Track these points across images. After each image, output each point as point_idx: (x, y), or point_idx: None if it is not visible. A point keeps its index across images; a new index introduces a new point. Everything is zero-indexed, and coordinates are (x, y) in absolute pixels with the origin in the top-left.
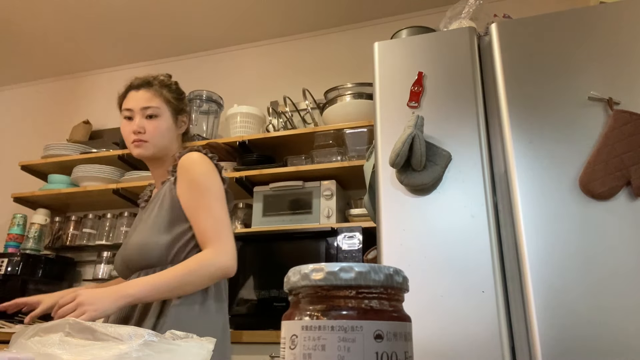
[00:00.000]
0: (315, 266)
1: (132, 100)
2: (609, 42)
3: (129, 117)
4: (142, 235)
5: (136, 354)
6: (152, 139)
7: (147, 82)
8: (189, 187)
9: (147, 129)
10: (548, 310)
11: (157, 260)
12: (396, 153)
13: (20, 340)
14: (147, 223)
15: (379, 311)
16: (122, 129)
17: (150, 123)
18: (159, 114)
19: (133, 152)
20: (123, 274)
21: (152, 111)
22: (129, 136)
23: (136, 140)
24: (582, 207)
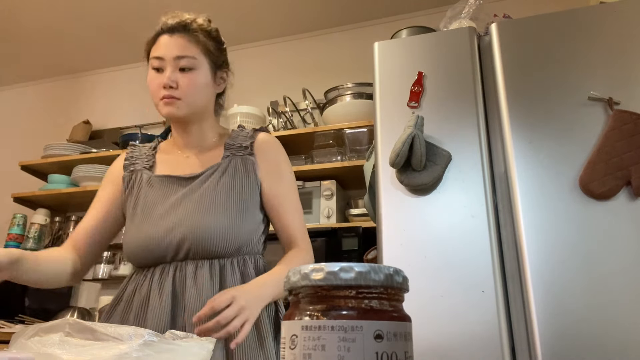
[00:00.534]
0: (315, 266)
1: (163, 47)
2: (609, 42)
3: (158, 68)
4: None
5: (136, 354)
6: (187, 97)
7: (184, 26)
8: (277, 173)
9: (180, 84)
10: (548, 310)
11: (238, 249)
12: (396, 153)
13: (20, 340)
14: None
15: (379, 311)
16: (149, 81)
17: (184, 77)
18: (196, 66)
19: (161, 112)
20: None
21: (187, 62)
22: (157, 91)
23: (167, 96)
24: (582, 207)
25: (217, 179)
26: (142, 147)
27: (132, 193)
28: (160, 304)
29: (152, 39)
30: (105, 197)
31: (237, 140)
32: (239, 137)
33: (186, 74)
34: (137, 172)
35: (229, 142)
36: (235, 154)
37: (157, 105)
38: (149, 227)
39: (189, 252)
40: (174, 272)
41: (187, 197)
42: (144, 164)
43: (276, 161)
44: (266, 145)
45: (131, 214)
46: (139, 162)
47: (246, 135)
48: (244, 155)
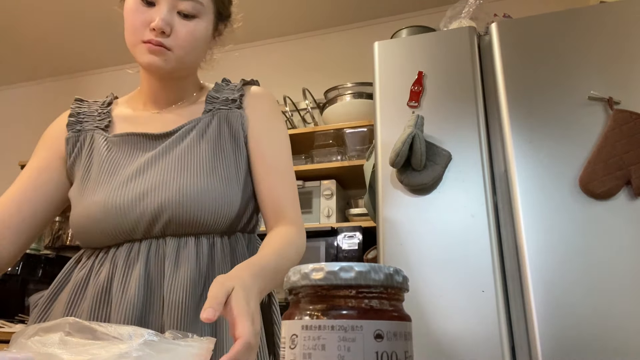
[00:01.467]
0: (315, 266)
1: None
2: (609, 41)
3: (149, 2)
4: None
5: (136, 354)
6: (180, 49)
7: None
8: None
9: (176, 31)
10: (548, 310)
11: (230, 223)
12: (396, 153)
13: (20, 339)
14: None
15: (379, 311)
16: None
17: (183, 24)
18: (200, 13)
19: (140, 58)
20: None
21: (191, 6)
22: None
23: (155, 42)
24: (582, 206)
25: (198, 136)
26: (93, 102)
27: (79, 158)
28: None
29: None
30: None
31: (222, 93)
32: (225, 90)
33: (185, 20)
34: (85, 133)
35: (211, 95)
36: (220, 108)
37: (134, 47)
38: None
39: (167, 226)
40: (147, 252)
41: (162, 158)
42: (97, 123)
43: (268, 117)
44: (259, 100)
45: (80, 183)
46: (88, 121)
47: (234, 87)
48: (231, 109)
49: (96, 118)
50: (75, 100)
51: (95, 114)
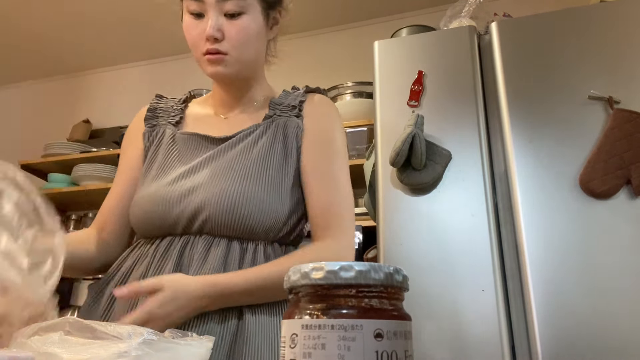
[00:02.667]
0: (315, 265)
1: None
2: (609, 41)
3: (198, 13)
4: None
5: (135, 353)
6: (235, 50)
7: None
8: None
9: (227, 34)
10: (548, 309)
11: (267, 230)
12: (396, 152)
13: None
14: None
15: (379, 310)
16: (186, 30)
17: (231, 24)
18: (245, 9)
19: (206, 70)
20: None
21: (234, 5)
22: (198, 44)
23: (212, 51)
24: (582, 206)
25: (252, 142)
26: (170, 99)
27: (151, 150)
28: None
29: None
30: (126, 164)
31: (285, 99)
32: (289, 97)
33: (233, 20)
34: (159, 127)
35: (275, 101)
36: (280, 114)
37: (199, 61)
38: (161, 188)
39: (204, 225)
40: (182, 248)
41: (214, 160)
42: (170, 119)
43: (327, 128)
44: (320, 108)
45: (144, 174)
46: (163, 116)
47: (297, 95)
48: (290, 117)
49: (170, 114)
50: (156, 96)
51: (170, 110)
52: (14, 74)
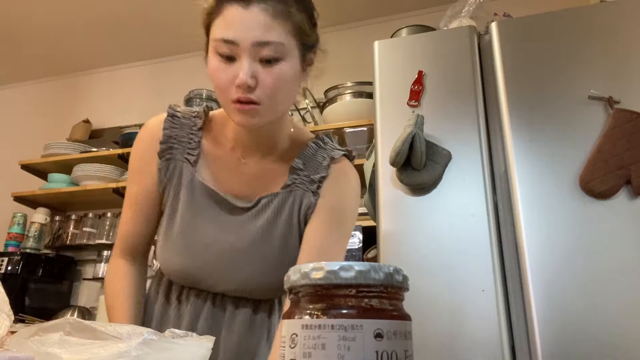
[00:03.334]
0: (315, 265)
1: (237, 27)
2: (609, 40)
3: (229, 56)
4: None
5: (135, 353)
6: (269, 99)
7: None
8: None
9: (262, 82)
10: (548, 309)
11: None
12: (396, 152)
13: (20, 339)
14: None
15: (379, 310)
16: (213, 72)
17: (267, 72)
18: (284, 54)
19: (234, 118)
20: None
21: (272, 51)
22: (227, 88)
23: (244, 100)
24: (582, 205)
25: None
26: (184, 119)
27: (169, 187)
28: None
29: (215, 4)
30: (140, 195)
31: (308, 164)
32: (312, 161)
33: (269, 67)
34: (175, 162)
35: (296, 167)
36: (299, 184)
37: (225, 106)
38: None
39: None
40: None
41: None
42: (186, 153)
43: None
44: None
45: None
46: (179, 147)
47: (321, 160)
48: (307, 191)
49: (186, 147)
50: (169, 114)
51: (185, 140)
52: (14, 74)
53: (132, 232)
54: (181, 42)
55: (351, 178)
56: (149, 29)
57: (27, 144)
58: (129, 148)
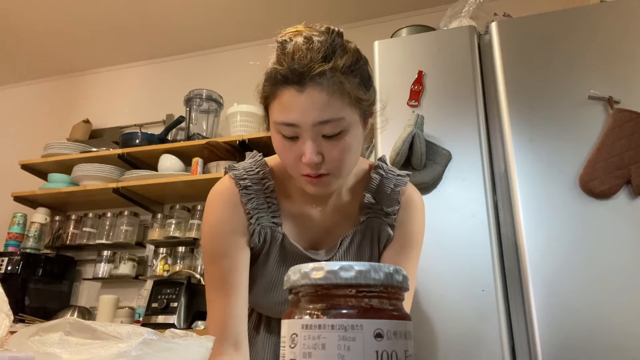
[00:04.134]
0: (315, 265)
1: (296, 111)
2: (609, 41)
3: (291, 137)
4: None
5: (135, 353)
6: (337, 169)
7: (320, 72)
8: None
9: (328, 155)
10: (548, 309)
11: None
12: (396, 152)
13: (20, 339)
14: None
15: (379, 310)
16: (279, 150)
17: (332, 146)
18: (346, 127)
19: (306, 189)
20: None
21: (334, 127)
22: (295, 165)
23: (313, 175)
24: (582, 205)
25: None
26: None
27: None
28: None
29: (270, 89)
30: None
31: (378, 196)
32: (380, 193)
33: (334, 141)
34: (265, 229)
35: (367, 203)
36: (374, 217)
37: (296, 177)
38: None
39: None
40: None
41: None
42: (270, 217)
43: (412, 233)
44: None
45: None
46: (263, 215)
47: (389, 192)
48: (383, 222)
49: (268, 211)
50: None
51: (262, 201)
52: (14, 74)
53: (234, 319)
54: (181, 42)
55: (418, 202)
56: (149, 29)
57: (27, 144)
58: (128, 148)
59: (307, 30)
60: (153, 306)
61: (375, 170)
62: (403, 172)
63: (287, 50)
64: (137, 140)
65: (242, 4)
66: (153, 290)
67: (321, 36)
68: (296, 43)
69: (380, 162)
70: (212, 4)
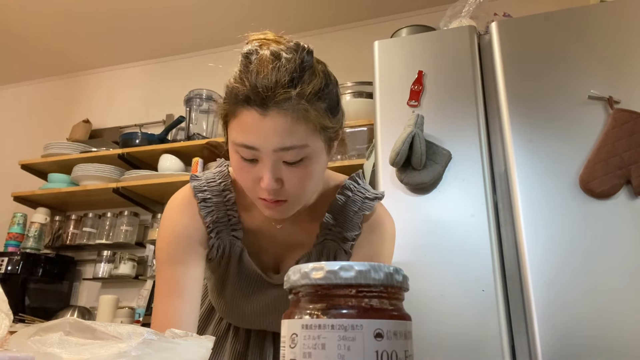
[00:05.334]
0: (315, 265)
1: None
2: (609, 41)
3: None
4: None
5: (135, 353)
6: (296, 197)
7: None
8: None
9: (288, 182)
10: (548, 309)
11: None
12: (396, 152)
13: (20, 339)
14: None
15: (379, 310)
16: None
17: (292, 172)
18: (308, 154)
19: (264, 213)
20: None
21: (296, 154)
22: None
23: (269, 200)
24: (582, 205)
25: None
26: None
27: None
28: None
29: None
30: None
31: (338, 218)
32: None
33: (295, 168)
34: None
35: (327, 222)
36: (331, 240)
37: (253, 200)
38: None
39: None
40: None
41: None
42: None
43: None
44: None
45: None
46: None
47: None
48: (339, 248)
49: (228, 224)
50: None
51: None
52: (14, 74)
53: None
54: (181, 42)
55: (386, 226)
56: (149, 29)
57: (27, 144)
58: (128, 148)
59: (275, 44)
60: (153, 306)
61: (342, 190)
62: (375, 193)
63: (251, 67)
64: (137, 140)
65: (241, 4)
66: (153, 290)
67: (289, 53)
68: (262, 58)
69: (350, 182)
70: (212, 4)
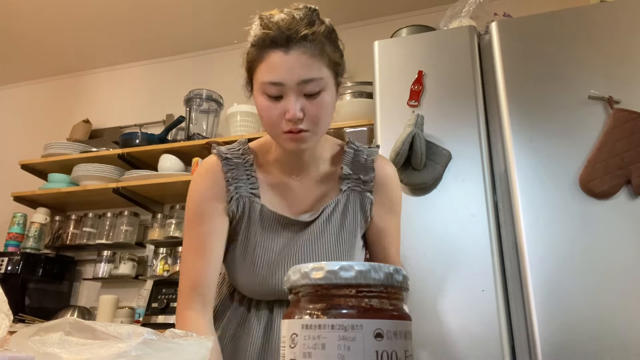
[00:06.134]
0: (315, 265)
1: (282, 70)
2: (609, 40)
3: (277, 96)
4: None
5: (135, 353)
6: (315, 126)
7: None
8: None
9: (308, 112)
10: (548, 309)
11: None
12: (396, 152)
13: (20, 339)
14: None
15: (379, 310)
16: (263, 110)
17: (311, 104)
18: (324, 86)
19: (285, 146)
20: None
21: (315, 86)
22: (278, 123)
23: (295, 130)
24: (582, 205)
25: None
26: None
27: (241, 222)
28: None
29: (257, 52)
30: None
31: (355, 168)
32: (356, 163)
33: (313, 99)
34: (244, 199)
35: (346, 173)
36: (354, 188)
37: (276, 137)
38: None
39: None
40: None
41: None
42: (249, 188)
43: (392, 197)
44: (386, 181)
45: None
46: (242, 185)
47: (364, 162)
48: (363, 191)
49: (247, 182)
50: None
51: (242, 174)
52: (14, 74)
53: (205, 280)
54: (181, 42)
55: (390, 168)
56: (149, 29)
57: (27, 144)
58: (128, 148)
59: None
60: (153, 306)
61: (348, 145)
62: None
63: (273, 19)
64: (137, 140)
65: (242, 4)
66: (153, 290)
67: (300, 11)
68: (280, 15)
69: (351, 139)
70: (212, 4)
